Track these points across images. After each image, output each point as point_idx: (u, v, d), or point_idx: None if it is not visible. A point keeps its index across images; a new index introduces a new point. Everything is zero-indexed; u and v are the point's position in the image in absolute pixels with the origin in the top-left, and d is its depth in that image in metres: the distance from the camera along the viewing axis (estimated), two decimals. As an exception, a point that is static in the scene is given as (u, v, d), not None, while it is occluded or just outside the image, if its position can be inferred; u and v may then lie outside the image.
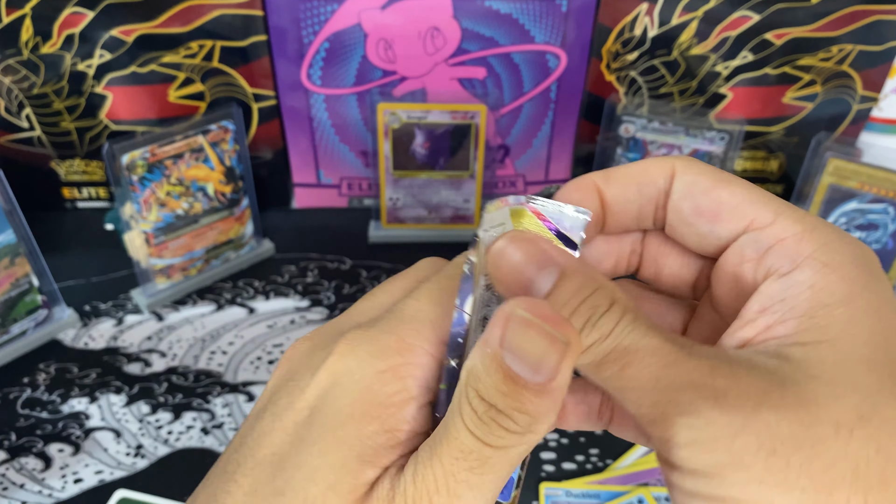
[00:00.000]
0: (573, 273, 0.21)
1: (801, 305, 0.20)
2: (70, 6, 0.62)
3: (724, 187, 0.23)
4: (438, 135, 0.68)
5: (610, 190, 0.24)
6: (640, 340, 0.20)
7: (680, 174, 0.24)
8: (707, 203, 0.23)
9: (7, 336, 0.60)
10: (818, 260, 0.21)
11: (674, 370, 0.20)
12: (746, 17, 0.66)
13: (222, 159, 0.64)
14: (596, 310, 0.20)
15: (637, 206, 0.25)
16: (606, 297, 0.20)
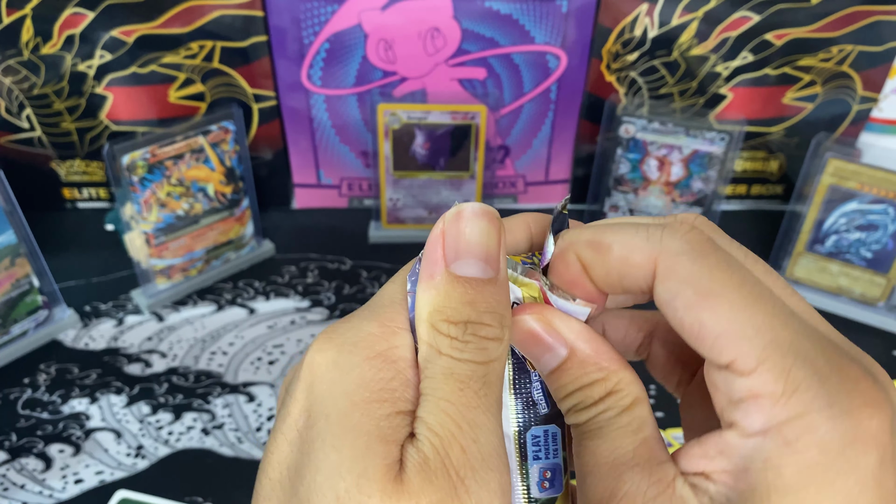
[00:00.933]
0: (577, 359, 0.23)
1: (753, 478, 0.19)
2: (70, 7, 0.63)
3: (708, 307, 0.20)
4: (439, 135, 0.68)
5: (593, 269, 0.23)
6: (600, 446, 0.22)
7: (661, 277, 0.21)
8: (689, 321, 0.20)
9: (7, 336, 0.60)
10: (783, 436, 0.19)
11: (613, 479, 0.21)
12: (746, 18, 0.66)
13: (223, 160, 0.64)
14: (585, 399, 0.22)
15: (622, 287, 0.23)
16: (602, 389, 0.22)
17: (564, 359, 0.23)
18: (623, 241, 0.22)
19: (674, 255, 0.21)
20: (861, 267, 0.65)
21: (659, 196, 0.69)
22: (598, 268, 0.22)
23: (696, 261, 0.20)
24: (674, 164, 0.67)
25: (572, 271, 0.23)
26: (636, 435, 0.22)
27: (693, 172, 0.67)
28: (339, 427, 0.21)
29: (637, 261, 0.21)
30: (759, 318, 0.19)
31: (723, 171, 0.66)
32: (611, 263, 0.22)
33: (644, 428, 0.22)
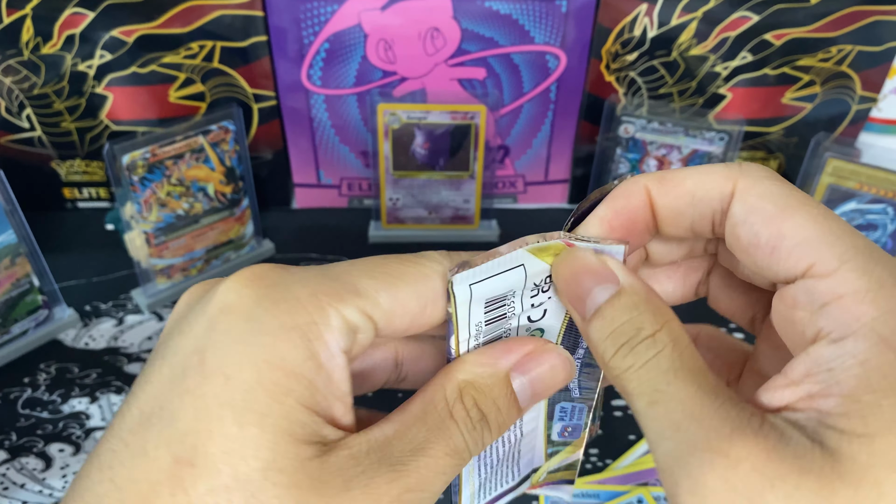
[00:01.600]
0: (630, 292, 0.21)
1: (847, 381, 0.18)
2: (70, 7, 0.63)
3: (788, 217, 0.20)
4: (438, 135, 0.68)
5: (661, 199, 0.22)
6: (672, 383, 0.20)
7: (740, 195, 0.21)
8: (767, 234, 0.20)
9: (7, 336, 0.60)
10: (876, 331, 0.18)
11: (696, 425, 0.19)
12: (746, 18, 0.66)
13: (223, 160, 0.64)
14: (637, 333, 0.21)
15: (690, 220, 0.23)
16: (654, 323, 0.21)
17: (616, 292, 0.21)
18: (698, 172, 0.22)
19: (753, 177, 0.21)
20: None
21: (658, 196, 0.69)
22: (668, 198, 0.22)
23: (775, 183, 0.21)
24: (673, 164, 0.67)
25: (634, 203, 0.22)
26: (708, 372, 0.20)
27: (692, 172, 0.67)
28: (242, 402, 0.19)
29: (713, 185, 0.21)
30: (838, 227, 0.20)
31: (722, 170, 0.66)
32: (682, 192, 0.22)
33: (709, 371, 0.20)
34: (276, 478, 0.19)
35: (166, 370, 0.20)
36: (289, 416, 0.19)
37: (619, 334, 0.21)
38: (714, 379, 0.20)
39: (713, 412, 0.19)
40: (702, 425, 0.19)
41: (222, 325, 0.20)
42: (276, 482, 0.19)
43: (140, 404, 0.20)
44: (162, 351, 0.21)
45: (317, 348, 0.20)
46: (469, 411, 0.22)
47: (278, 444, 0.19)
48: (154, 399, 0.20)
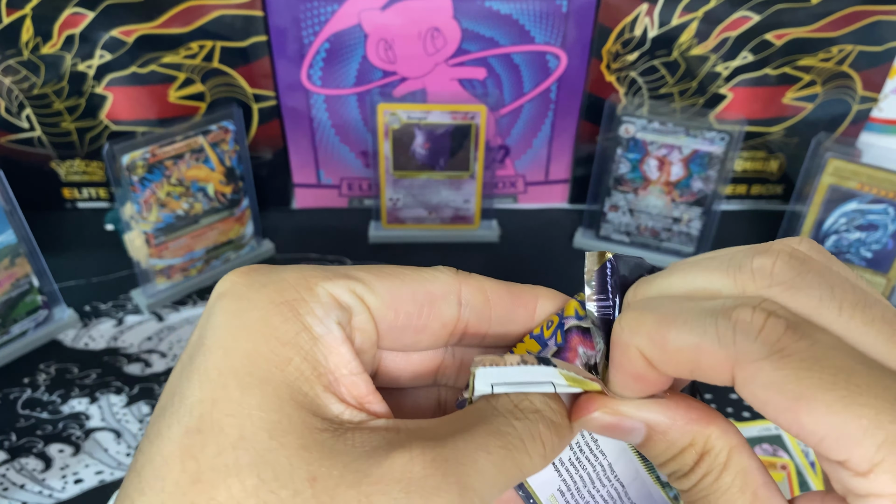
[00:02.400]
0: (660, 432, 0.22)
1: None
2: (70, 7, 0.62)
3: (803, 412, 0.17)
4: (438, 135, 0.68)
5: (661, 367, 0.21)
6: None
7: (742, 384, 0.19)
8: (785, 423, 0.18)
9: (7, 336, 0.60)
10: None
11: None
12: (746, 18, 0.66)
13: (222, 160, 0.64)
14: (681, 467, 0.21)
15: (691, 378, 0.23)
16: (694, 453, 0.21)
17: (646, 436, 0.22)
18: (691, 341, 0.19)
19: (751, 361, 0.18)
20: (861, 267, 0.65)
21: (659, 196, 0.69)
22: (667, 366, 0.20)
23: (778, 365, 0.18)
24: (674, 164, 0.67)
25: (637, 367, 0.21)
26: (744, 493, 0.20)
27: (693, 172, 0.67)
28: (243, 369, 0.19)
29: (711, 365, 0.19)
30: (866, 416, 0.17)
31: (723, 170, 0.66)
32: (680, 364, 0.20)
33: (749, 480, 0.20)
34: (283, 438, 0.18)
35: (178, 364, 0.21)
36: (291, 383, 0.19)
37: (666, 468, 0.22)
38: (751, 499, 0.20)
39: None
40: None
41: (217, 308, 0.21)
42: (283, 443, 0.18)
43: (160, 401, 0.21)
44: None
45: (308, 321, 0.20)
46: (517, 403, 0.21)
47: (283, 408, 0.19)
48: (168, 391, 0.20)
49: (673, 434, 0.21)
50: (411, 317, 0.23)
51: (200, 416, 0.19)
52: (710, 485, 0.21)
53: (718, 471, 0.21)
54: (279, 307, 0.20)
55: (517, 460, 0.20)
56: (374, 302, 0.22)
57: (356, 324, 0.22)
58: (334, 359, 0.20)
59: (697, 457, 0.21)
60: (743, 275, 0.20)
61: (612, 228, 0.72)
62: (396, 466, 0.18)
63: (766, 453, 0.54)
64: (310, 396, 0.19)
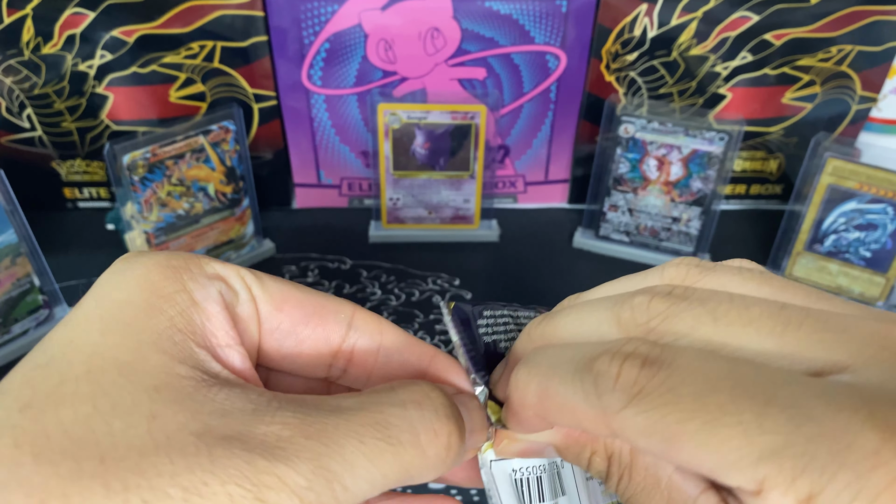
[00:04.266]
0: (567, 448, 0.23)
1: None
2: (71, 7, 0.63)
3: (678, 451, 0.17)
4: (438, 135, 0.68)
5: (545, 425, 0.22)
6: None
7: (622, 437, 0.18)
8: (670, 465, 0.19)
9: (8, 336, 0.60)
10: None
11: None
12: (746, 18, 0.66)
13: (223, 159, 0.64)
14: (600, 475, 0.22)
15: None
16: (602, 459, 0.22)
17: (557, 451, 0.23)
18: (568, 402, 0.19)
19: (615, 413, 0.18)
20: (860, 266, 0.65)
21: (658, 195, 0.69)
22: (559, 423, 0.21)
23: (639, 409, 0.17)
24: (673, 164, 0.67)
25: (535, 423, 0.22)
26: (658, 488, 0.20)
27: (692, 172, 0.67)
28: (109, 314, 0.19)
29: (590, 425, 0.19)
30: (734, 436, 0.16)
31: (722, 170, 0.66)
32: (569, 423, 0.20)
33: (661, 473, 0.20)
34: (133, 377, 0.18)
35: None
36: (160, 331, 0.19)
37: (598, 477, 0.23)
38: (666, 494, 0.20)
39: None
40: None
41: (108, 269, 0.21)
42: (132, 380, 0.17)
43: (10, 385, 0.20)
44: None
45: (190, 286, 0.20)
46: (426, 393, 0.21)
47: (142, 350, 0.18)
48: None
49: (574, 448, 0.22)
50: (296, 323, 0.22)
51: (52, 354, 0.19)
52: (627, 486, 0.21)
53: (628, 471, 0.21)
54: (163, 269, 0.20)
55: (401, 458, 0.19)
56: (260, 295, 0.22)
57: (239, 311, 0.21)
58: (211, 325, 0.20)
59: (606, 462, 0.21)
60: (625, 314, 0.20)
61: (612, 228, 0.72)
62: (250, 427, 0.17)
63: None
64: (179, 346, 0.19)
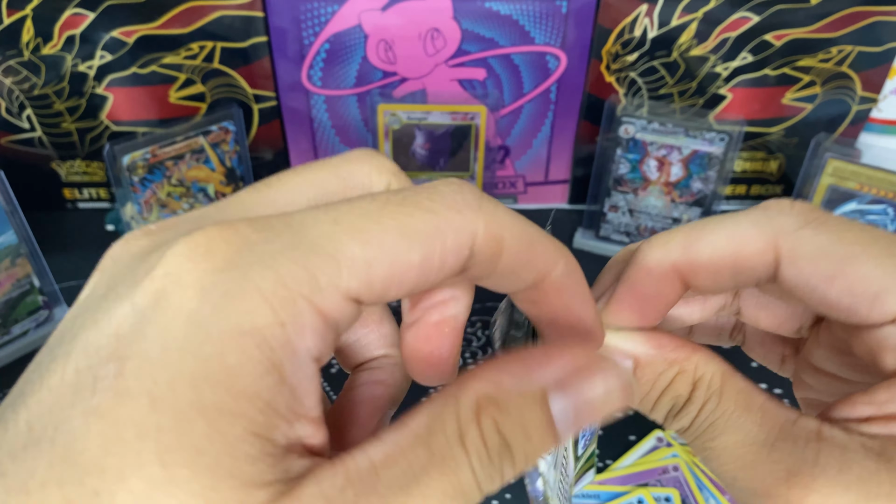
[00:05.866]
0: (647, 363, 0.20)
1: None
2: (71, 7, 0.63)
3: (852, 272, 0.18)
4: (439, 136, 0.68)
5: (695, 278, 0.20)
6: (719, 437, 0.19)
7: (788, 261, 0.19)
8: (834, 293, 0.19)
9: (8, 337, 0.60)
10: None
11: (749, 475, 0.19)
12: (746, 19, 0.66)
13: (223, 160, 0.64)
14: (677, 401, 0.20)
15: (732, 287, 0.21)
16: (687, 382, 0.20)
17: (635, 367, 0.21)
18: (728, 237, 0.20)
19: (793, 231, 0.19)
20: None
21: (658, 196, 0.69)
22: (704, 275, 0.20)
23: (820, 231, 0.19)
24: (673, 165, 0.67)
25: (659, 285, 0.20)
26: (750, 411, 0.19)
27: (693, 173, 0.67)
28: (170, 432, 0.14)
29: (752, 252, 0.19)
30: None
31: (722, 171, 0.66)
32: (718, 266, 0.20)
33: (752, 399, 0.20)
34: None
35: (70, 374, 0.15)
36: (234, 451, 0.14)
37: (660, 407, 0.21)
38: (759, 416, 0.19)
39: (764, 458, 0.19)
40: (756, 474, 0.19)
41: (155, 325, 0.14)
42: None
43: (30, 415, 0.14)
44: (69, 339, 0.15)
45: (281, 358, 0.15)
46: (487, 437, 0.16)
47: (218, 490, 0.14)
48: (49, 412, 0.14)
49: (659, 364, 0.20)
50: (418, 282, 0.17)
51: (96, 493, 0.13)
52: (712, 412, 0.20)
53: (717, 397, 0.20)
54: (244, 339, 0.14)
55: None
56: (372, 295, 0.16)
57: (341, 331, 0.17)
58: (297, 404, 0.15)
59: (691, 386, 0.20)
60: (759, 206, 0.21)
61: (612, 229, 0.72)
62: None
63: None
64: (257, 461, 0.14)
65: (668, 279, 0.20)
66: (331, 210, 0.16)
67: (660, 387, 0.20)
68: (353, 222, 0.16)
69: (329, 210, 0.16)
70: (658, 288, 0.21)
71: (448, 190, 0.17)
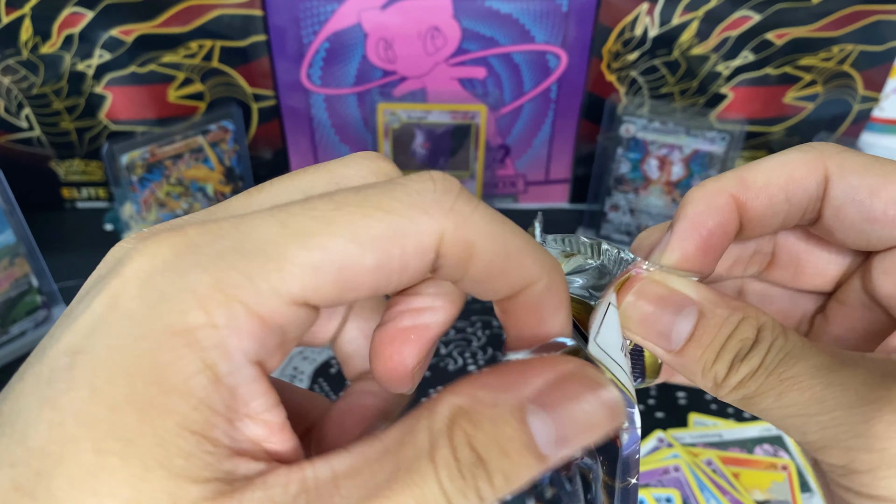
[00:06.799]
0: (713, 309, 0.20)
1: None
2: (69, 6, 0.62)
3: (890, 184, 0.21)
4: (439, 135, 0.68)
5: (752, 202, 0.21)
6: (795, 365, 0.19)
7: (836, 177, 0.21)
8: (879, 208, 0.21)
9: (6, 336, 0.60)
10: None
11: (840, 390, 0.18)
12: (747, 17, 0.66)
13: (222, 159, 0.64)
14: (744, 343, 0.20)
15: (783, 216, 0.22)
16: (752, 326, 0.20)
17: (699, 314, 0.20)
18: (780, 164, 0.22)
19: (837, 153, 0.21)
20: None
21: (659, 196, 0.69)
22: (760, 203, 0.21)
23: (859, 154, 0.21)
24: (674, 164, 0.67)
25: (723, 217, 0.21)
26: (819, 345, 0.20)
27: (694, 172, 0.67)
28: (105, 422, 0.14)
29: (803, 172, 0.21)
30: None
31: (723, 170, 0.66)
32: (775, 193, 0.21)
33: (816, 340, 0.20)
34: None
35: (36, 366, 0.15)
36: (165, 444, 0.14)
37: (726, 353, 0.20)
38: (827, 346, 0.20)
39: (853, 369, 0.19)
40: (847, 389, 0.18)
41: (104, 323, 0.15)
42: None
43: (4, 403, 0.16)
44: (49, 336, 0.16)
45: (213, 358, 0.15)
46: (458, 451, 0.15)
47: (147, 480, 0.14)
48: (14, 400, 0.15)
49: (724, 310, 0.20)
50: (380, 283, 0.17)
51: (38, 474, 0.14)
52: (782, 347, 0.19)
53: (783, 335, 0.20)
54: (175, 338, 0.15)
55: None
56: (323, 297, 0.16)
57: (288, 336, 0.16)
58: (238, 404, 0.15)
59: (756, 329, 0.20)
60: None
61: (613, 228, 0.72)
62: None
63: (767, 453, 0.54)
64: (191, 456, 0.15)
65: (726, 209, 0.21)
66: (281, 212, 0.16)
67: (726, 331, 0.20)
68: (302, 225, 0.15)
69: (280, 212, 0.16)
70: (718, 219, 0.21)
71: (419, 187, 0.16)
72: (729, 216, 0.21)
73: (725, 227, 0.21)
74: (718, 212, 0.21)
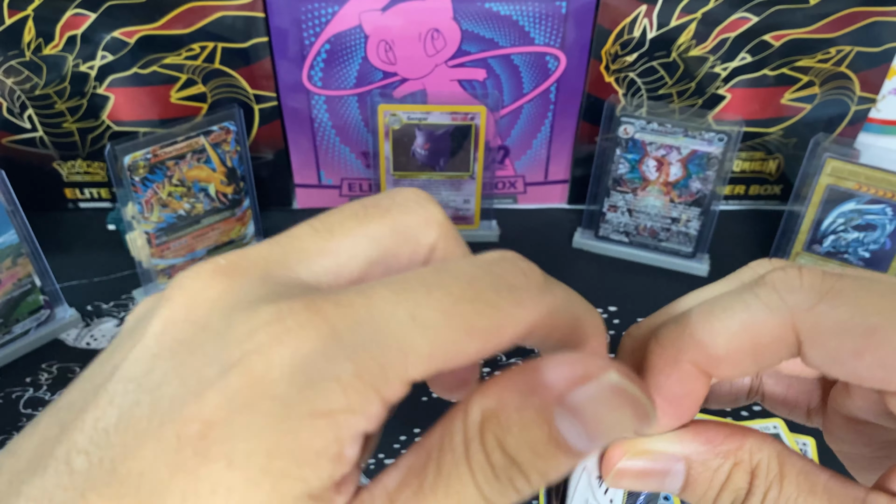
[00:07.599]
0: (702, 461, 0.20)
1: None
2: (72, 8, 0.63)
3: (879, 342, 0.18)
4: (439, 136, 0.69)
5: (715, 371, 0.20)
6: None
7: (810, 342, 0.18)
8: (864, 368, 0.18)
9: (9, 336, 0.60)
10: None
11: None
12: (745, 19, 0.66)
13: (224, 160, 0.65)
14: (737, 494, 0.20)
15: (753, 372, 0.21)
16: (745, 473, 0.20)
17: (686, 475, 0.20)
18: (741, 322, 0.19)
19: (809, 309, 0.18)
20: (859, 267, 0.66)
21: (658, 196, 0.70)
22: (724, 365, 0.19)
23: (836, 304, 0.18)
24: (672, 165, 0.68)
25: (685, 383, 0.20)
26: (815, 494, 0.19)
27: (692, 173, 0.68)
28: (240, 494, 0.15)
29: (771, 339, 0.19)
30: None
31: (721, 171, 0.67)
32: (738, 356, 0.19)
33: (813, 479, 0.19)
34: None
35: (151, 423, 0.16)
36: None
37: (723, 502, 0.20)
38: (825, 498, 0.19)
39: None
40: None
41: (242, 399, 0.16)
42: None
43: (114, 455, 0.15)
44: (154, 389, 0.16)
45: (344, 436, 0.16)
46: (491, 455, 0.16)
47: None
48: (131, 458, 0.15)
49: (714, 460, 0.20)
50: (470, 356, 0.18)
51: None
52: (776, 501, 0.19)
53: (777, 484, 0.19)
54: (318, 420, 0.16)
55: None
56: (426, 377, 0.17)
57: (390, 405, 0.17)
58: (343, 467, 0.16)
59: (749, 476, 0.20)
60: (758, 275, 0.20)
61: (611, 229, 0.72)
62: None
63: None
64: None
65: (691, 378, 0.20)
66: (408, 301, 0.17)
67: (718, 483, 0.20)
68: (427, 319, 0.17)
69: (406, 301, 0.17)
70: (684, 388, 0.20)
71: (517, 283, 0.18)
72: (696, 384, 0.20)
73: (695, 392, 0.20)
74: (684, 382, 0.20)
